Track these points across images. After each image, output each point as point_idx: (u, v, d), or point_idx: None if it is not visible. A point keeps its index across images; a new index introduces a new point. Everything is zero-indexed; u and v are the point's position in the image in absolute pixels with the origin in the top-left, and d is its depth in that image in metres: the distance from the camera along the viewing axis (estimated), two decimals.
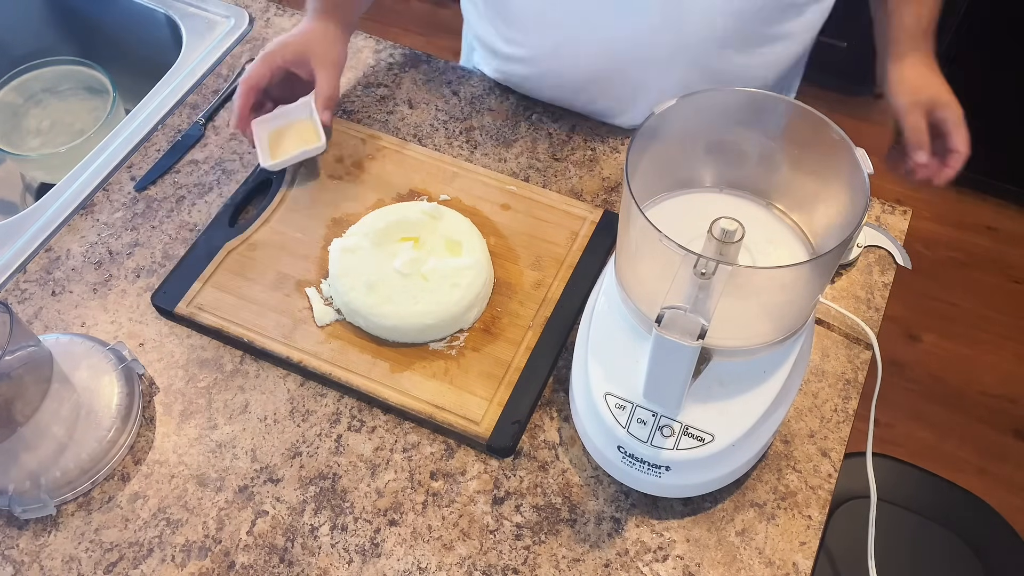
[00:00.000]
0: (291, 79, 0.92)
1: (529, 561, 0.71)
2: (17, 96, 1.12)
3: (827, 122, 0.63)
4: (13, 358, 0.70)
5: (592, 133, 0.97)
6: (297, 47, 0.91)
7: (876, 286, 0.86)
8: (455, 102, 1.01)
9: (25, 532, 0.73)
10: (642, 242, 0.63)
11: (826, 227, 0.67)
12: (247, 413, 0.78)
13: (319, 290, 0.83)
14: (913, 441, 1.70)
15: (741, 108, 0.69)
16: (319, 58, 0.91)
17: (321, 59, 0.91)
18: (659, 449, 0.66)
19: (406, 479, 0.75)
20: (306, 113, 0.91)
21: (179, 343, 0.83)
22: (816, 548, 0.71)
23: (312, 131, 0.90)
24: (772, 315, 0.65)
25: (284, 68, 0.91)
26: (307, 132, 0.90)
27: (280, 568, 0.71)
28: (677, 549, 0.71)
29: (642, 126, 0.62)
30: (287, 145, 0.90)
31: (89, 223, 0.91)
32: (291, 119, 0.92)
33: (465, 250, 0.82)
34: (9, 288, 0.87)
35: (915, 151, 0.87)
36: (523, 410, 0.76)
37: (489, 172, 0.92)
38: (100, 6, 1.17)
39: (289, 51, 0.90)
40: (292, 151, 0.89)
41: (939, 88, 0.90)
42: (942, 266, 1.94)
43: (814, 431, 0.77)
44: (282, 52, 0.90)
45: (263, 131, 0.91)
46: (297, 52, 0.90)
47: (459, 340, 0.80)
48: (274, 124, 0.92)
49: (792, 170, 0.69)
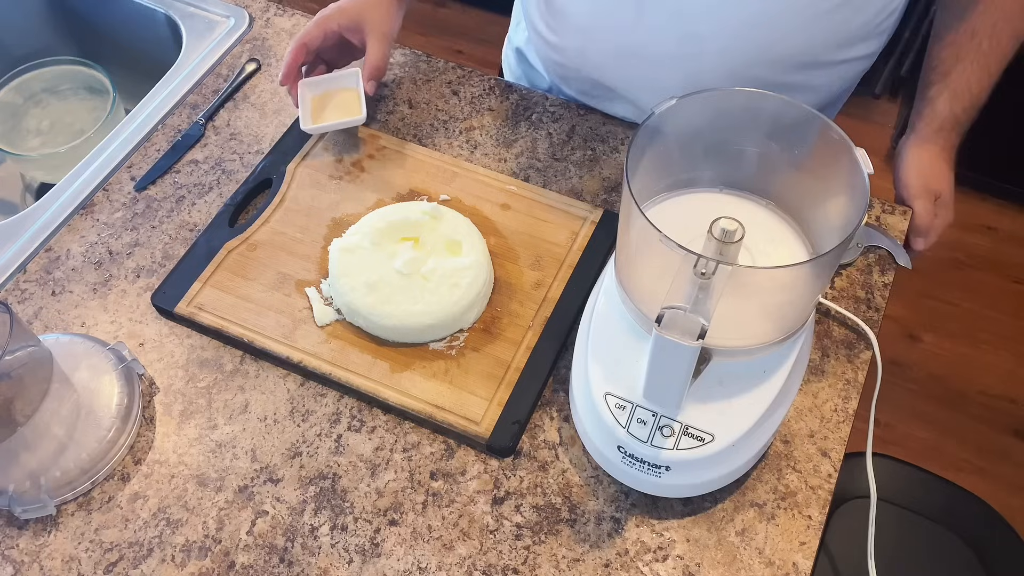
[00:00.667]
0: (344, 44, 0.93)
1: (529, 561, 0.71)
2: (17, 96, 1.12)
3: (827, 122, 0.63)
4: (13, 358, 0.70)
5: (592, 133, 0.97)
6: (353, 13, 0.91)
7: (876, 286, 0.86)
8: (455, 102, 1.01)
9: (25, 532, 0.73)
10: (642, 242, 0.63)
11: (826, 227, 0.67)
12: (247, 413, 0.78)
13: (319, 290, 0.83)
14: (913, 441, 1.70)
15: (741, 108, 0.69)
16: (373, 26, 0.91)
17: (374, 28, 0.91)
18: (659, 449, 0.66)
19: (406, 479, 0.75)
20: (353, 82, 0.92)
21: (179, 343, 0.83)
22: (816, 548, 0.71)
23: (356, 101, 0.91)
24: (772, 315, 0.65)
25: (338, 32, 0.91)
26: (351, 101, 0.92)
27: (280, 568, 0.71)
28: (677, 549, 0.71)
29: (642, 126, 0.62)
30: (330, 112, 0.91)
31: (89, 223, 0.91)
32: (338, 85, 0.93)
33: (465, 250, 0.82)
34: (9, 288, 0.87)
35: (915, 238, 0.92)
36: (523, 410, 0.76)
37: (489, 172, 0.92)
38: (100, 6, 1.17)
39: (345, 16, 0.91)
40: (332, 119, 0.90)
41: (948, 186, 0.93)
42: (942, 266, 1.94)
43: (814, 431, 0.77)
44: (338, 17, 0.91)
45: (308, 93, 0.92)
46: (352, 18, 0.91)
47: (459, 340, 0.80)
48: (321, 88, 0.93)
49: (792, 170, 0.68)
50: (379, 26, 0.92)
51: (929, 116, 0.92)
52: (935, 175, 0.92)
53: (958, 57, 0.90)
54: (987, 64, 0.89)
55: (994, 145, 1.93)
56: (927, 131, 0.93)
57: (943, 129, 0.92)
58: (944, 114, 0.91)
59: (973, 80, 0.90)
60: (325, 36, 0.91)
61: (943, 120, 0.91)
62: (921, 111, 0.93)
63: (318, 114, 0.92)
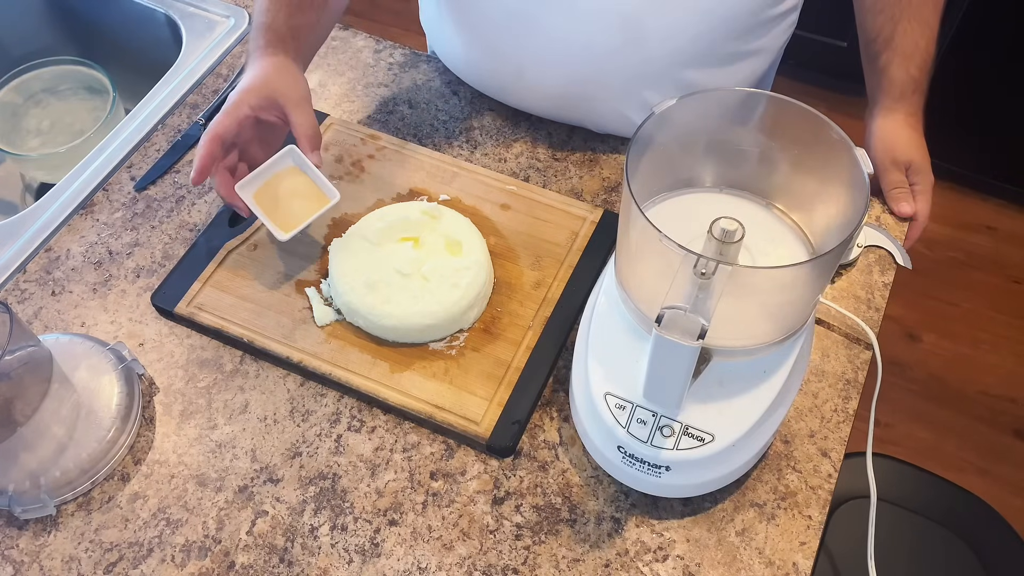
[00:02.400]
0: (261, 129, 0.83)
1: (529, 561, 0.71)
2: (17, 96, 1.12)
3: (827, 122, 0.63)
4: (13, 358, 0.70)
5: (592, 133, 0.97)
6: (262, 90, 0.80)
7: (876, 286, 0.86)
8: (455, 102, 1.01)
9: (25, 532, 0.73)
10: (642, 242, 0.63)
11: (826, 227, 0.67)
12: (247, 413, 0.78)
13: (319, 290, 0.83)
14: (913, 441, 1.70)
15: (741, 108, 0.69)
16: (288, 95, 0.80)
17: (290, 96, 0.80)
18: (659, 449, 0.66)
19: (406, 479, 0.75)
20: (291, 160, 0.82)
21: (179, 343, 0.83)
22: (816, 548, 0.71)
23: (308, 182, 0.82)
24: (772, 315, 0.65)
25: (252, 116, 0.80)
26: (304, 185, 0.82)
27: (280, 568, 0.71)
28: (677, 549, 0.71)
29: (642, 126, 0.62)
30: (294, 206, 0.81)
31: (89, 223, 0.91)
32: (275, 170, 0.82)
33: (465, 250, 0.82)
34: (9, 288, 0.87)
35: (899, 204, 0.89)
36: (523, 410, 0.76)
37: (489, 172, 0.92)
38: (100, 6, 1.17)
39: (254, 95, 0.79)
40: (305, 214, 0.80)
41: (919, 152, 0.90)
42: (942, 266, 1.94)
43: (814, 431, 0.77)
44: (247, 99, 0.79)
45: (248, 194, 0.81)
46: (263, 95, 0.80)
47: (459, 340, 0.80)
48: (258, 182, 0.82)
49: (792, 170, 0.69)
50: (294, 92, 0.81)
51: (887, 86, 0.90)
52: (902, 144, 0.90)
53: (893, 19, 0.88)
54: (923, 16, 0.88)
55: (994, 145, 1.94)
56: (888, 101, 0.91)
57: (904, 95, 0.90)
58: (902, 79, 0.89)
59: (917, 36, 0.88)
60: (239, 124, 0.79)
61: (902, 85, 0.89)
62: (878, 85, 0.91)
63: (281, 215, 0.81)
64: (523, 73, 0.91)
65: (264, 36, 0.83)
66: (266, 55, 0.82)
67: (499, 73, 0.94)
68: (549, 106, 0.95)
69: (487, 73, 0.95)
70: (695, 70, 0.88)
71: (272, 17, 0.83)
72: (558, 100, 0.93)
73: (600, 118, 0.94)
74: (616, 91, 0.90)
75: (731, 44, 0.88)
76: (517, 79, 0.93)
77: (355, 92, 1.02)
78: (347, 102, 1.01)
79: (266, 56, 0.82)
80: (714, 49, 0.87)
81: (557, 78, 0.90)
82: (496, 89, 0.97)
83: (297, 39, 0.85)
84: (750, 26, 0.88)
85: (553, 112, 0.96)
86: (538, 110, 0.96)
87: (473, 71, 0.97)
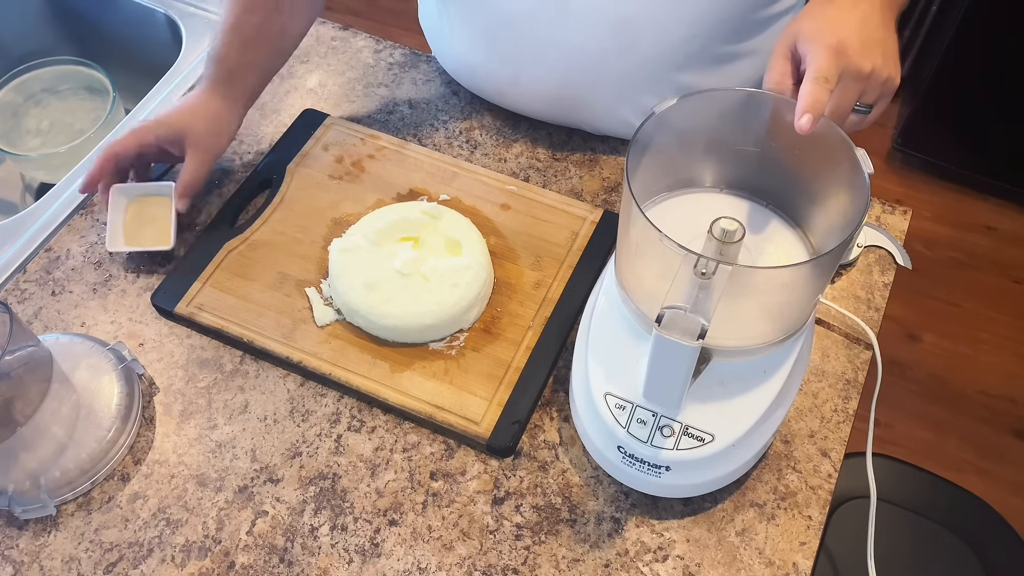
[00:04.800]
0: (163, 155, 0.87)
1: (529, 561, 0.71)
2: (17, 96, 1.12)
3: (827, 122, 0.63)
4: (13, 358, 0.70)
5: (592, 134, 0.97)
6: (174, 125, 0.84)
7: (876, 286, 0.86)
8: (455, 102, 1.01)
9: (25, 532, 0.73)
10: (642, 242, 0.63)
11: (826, 227, 0.67)
12: (247, 413, 0.78)
13: (319, 290, 0.83)
14: (913, 441, 1.70)
15: (741, 108, 0.69)
16: (194, 139, 0.84)
17: (196, 141, 0.84)
18: (659, 449, 0.66)
19: (406, 479, 0.75)
20: (168, 193, 0.86)
21: (179, 343, 0.83)
22: (816, 548, 0.71)
23: (167, 222, 0.86)
24: (772, 315, 0.65)
25: (156, 145, 0.85)
26: (162, 217, 0.86)
27: (280, 568, 0.71)
28: (677, 549, 0.71)
29: (642, 126, 0.62)
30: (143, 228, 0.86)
31: (89, 223, 0.91)
32: (154, 193, 0.87)
33: (465, 250, 0.82)
34: (9, 288, 0.87)
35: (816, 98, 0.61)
36: (523, 410, 0.76)
37: (489, 172, 0.92)
38: (100, 6, 1.17)
39: (164, 127, 0.84)
40: (142, 241, 0.85)
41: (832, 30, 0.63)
42: (942, 266, 1.94)
43: (814, 431, 0.77)
44: (155, 128, 0.84)
45: (122, 199, 0.86)
46: (174, 129, 0.84)
47: (459, 340, 0.80)
48: (135, 194, 0.87)
49: (792, 170, 0.68)
50: (202, 140, 0.84)
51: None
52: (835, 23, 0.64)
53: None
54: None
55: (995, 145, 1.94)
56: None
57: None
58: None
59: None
60: (140, 147, 0.84)
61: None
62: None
63: (133, 227, 0.85)
64: (519, 77, 0.92)
65: (214, 69, 0.86)
66: (205, 91, 0.86)
67: (495, 77, 0.94)
68: (546, 109, 0.95)
69: (484, 77, 0.96)
70: (689, 72, 0.88)
71: (226, 51, 0.86)
72: (554, 103, 0.93)
73: (597, 120, 0.94)
74: (611, 94, 0.90)
75: (725, 46, 0.88)
76: (513, 83, 0.93)
77: (355, 92, 1.02)
78: (347, 102, 1.01)
79: (204, 93, 0.86)
80: (708, 51, 0.87)
81: (552, 82, 0.90)
82: (493, 93, 0.97)
83: (246, 77, 0.88)
84: (743, 27, 0.87)
85: (550, 115, 0.96)
86: (535, 113, 0.96)
87: (470, 75, 0.97)
